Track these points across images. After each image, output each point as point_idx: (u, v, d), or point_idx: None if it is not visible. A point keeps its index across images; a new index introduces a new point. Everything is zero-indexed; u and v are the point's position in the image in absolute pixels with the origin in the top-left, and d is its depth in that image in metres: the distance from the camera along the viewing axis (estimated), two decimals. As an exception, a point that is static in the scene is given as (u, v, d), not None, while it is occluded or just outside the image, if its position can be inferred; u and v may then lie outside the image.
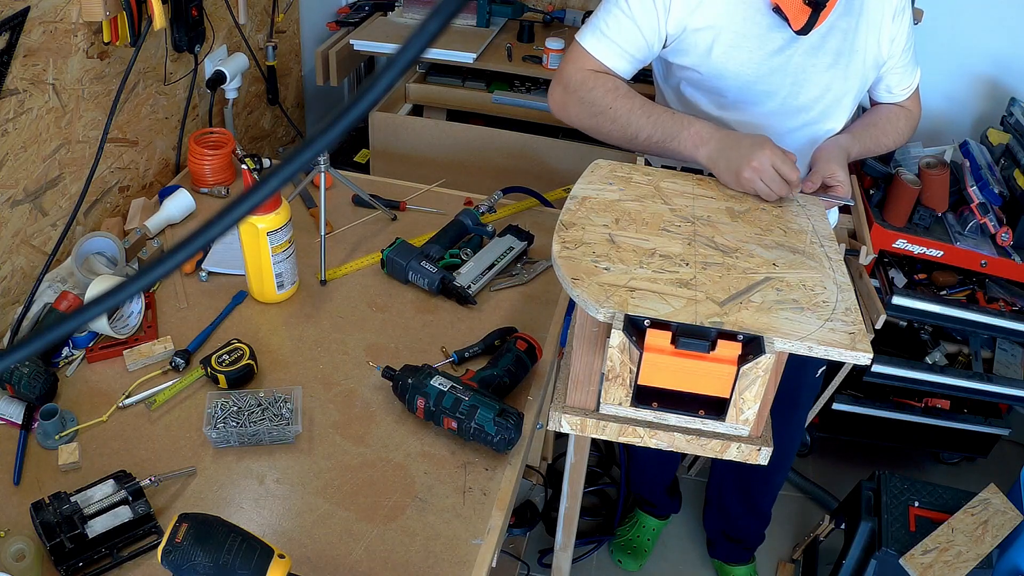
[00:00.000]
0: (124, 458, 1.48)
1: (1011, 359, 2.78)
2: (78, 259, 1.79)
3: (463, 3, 0.44)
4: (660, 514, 2.77)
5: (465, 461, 1.52)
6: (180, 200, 2.05)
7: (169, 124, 2.24)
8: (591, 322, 1.26)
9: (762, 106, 1.74)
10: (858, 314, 1.23)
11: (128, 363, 1.65)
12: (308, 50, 3.05)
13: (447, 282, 1.86)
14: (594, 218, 1.39)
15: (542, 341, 1.74)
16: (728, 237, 1.39)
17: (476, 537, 1.40)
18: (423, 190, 2.25)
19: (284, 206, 1.74)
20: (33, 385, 1.52)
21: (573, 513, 1.82)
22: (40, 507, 1.32)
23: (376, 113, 2.77)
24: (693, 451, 1.32)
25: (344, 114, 0.46)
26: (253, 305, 1.83)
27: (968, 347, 2.81)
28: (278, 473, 1.47)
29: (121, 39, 1.88)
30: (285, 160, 0.46)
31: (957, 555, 2.12)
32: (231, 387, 1.60)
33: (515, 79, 2.99)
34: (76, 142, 1.88)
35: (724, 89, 1.72)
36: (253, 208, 0.48)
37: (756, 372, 1.15)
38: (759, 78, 1.69)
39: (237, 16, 2.43)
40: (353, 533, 1.38)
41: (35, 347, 0.53)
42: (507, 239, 1.99)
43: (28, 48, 1.67)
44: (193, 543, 1.12)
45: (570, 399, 1.36)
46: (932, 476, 3.08)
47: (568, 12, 3.07)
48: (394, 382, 1.58)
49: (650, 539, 2.77)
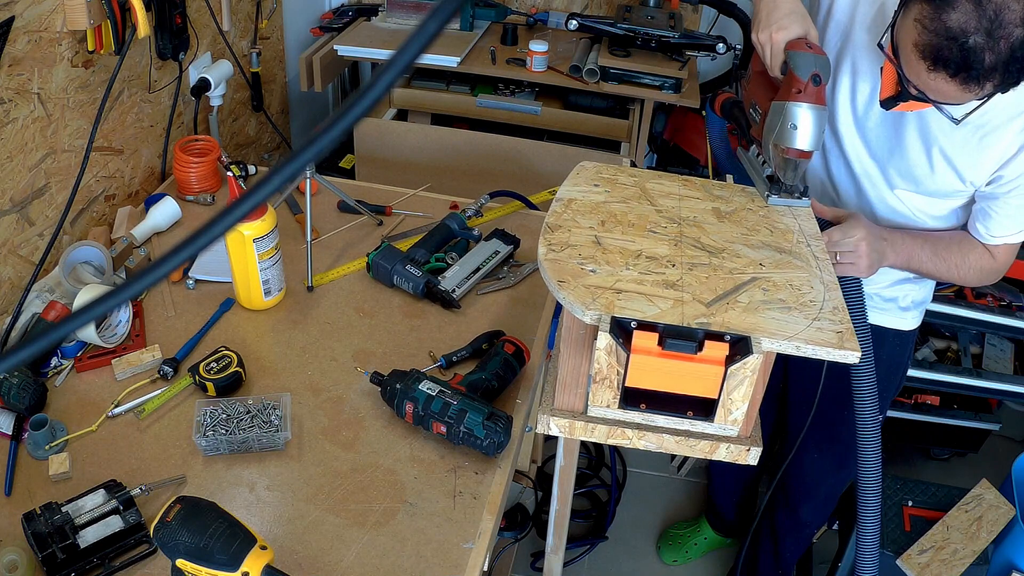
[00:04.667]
0: (114, 467, 1.47)
1: (1000, 354, 2.80)
2: (65, 268, 1.78)
3: (463, 3, 0.45)
4: (720, 528, 2.79)
5: (455, 465, 1.52)
6: (166, 208, 2.04)
7: (154, 132, 2.24)
8: (578, 324, 1.26)
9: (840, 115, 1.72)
10: (845, 313, 1.24)
11: (117, 372, 1.65)
12: (292, 56, 3.04)
13: (431, 286, 1.86)
14: (580, 220, 1.39)
15: (530, 344, 1.75)
16: (714, 238, 1.39)
17: (467, 541, 1.40)
18: (409, 195, 2.25)
19: (270, 213, 1.74)
20: (22, 395, 1.52)
21: (563, 515, 1.82)
22: (31, 518, 1.32)
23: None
24: (682, 452, 1.33)
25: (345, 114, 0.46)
26: (240, 312, 1.83)
27: (957, 343, 2.82)
28: (268, 480, 1.47)
29: (105, 47, 1.88)
30: (276, 167, 0.47)
31: (953, 553, 2.13)
32: (220, 395, 1.60)
33: (499, 82, 3.00)
34: (62, 151, 1.88)
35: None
36: (242, 218, 0.48)
37: (744, 372, 1.16)
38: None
39: (221, 23, 2.43)
40: (344, 539, 1.38)
41: (23, 357, 0.53)
42: (493, 243, 1.99)
43: (13, 58, 1.67)
44: (180, 524, 1.15)
45: (558, 402, 1.36)
46: (923, 473, 3.09)
47: (551, 14, 3.07)
48: (382, 387, 1.58)
49: (697, 545, 2.80)
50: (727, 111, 1.76)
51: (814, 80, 1.43)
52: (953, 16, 1.30)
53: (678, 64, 2.85)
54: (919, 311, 1.97)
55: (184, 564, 1.15)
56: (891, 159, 1.68)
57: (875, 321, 1.93)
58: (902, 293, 1.89)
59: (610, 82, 2.83)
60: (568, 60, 2.91)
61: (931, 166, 1.63)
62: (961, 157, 1.60)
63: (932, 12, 1.32)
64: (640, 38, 2.88)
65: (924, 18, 1.33)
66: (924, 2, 1.33)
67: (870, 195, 1.75)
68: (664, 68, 2.82)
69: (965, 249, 1.71)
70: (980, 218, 1.68)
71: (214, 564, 1.13)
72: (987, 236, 1.68)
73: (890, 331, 1.95)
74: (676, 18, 2.97)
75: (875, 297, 1.89)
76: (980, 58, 1.30)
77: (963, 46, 1.30)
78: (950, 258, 1.71)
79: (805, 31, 1.48)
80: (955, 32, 1.30)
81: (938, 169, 1.63)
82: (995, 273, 1.75)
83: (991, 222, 1.66)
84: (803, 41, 1.47)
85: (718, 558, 2.82)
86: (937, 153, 1.61)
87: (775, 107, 1.48)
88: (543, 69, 2.87)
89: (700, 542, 2.80)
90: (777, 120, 1.47)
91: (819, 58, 1.45)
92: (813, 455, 2.19)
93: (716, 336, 1.17)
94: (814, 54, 1.45)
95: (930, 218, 1.74)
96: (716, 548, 2.82)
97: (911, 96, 1.43)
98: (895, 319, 1.94)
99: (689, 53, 2.90)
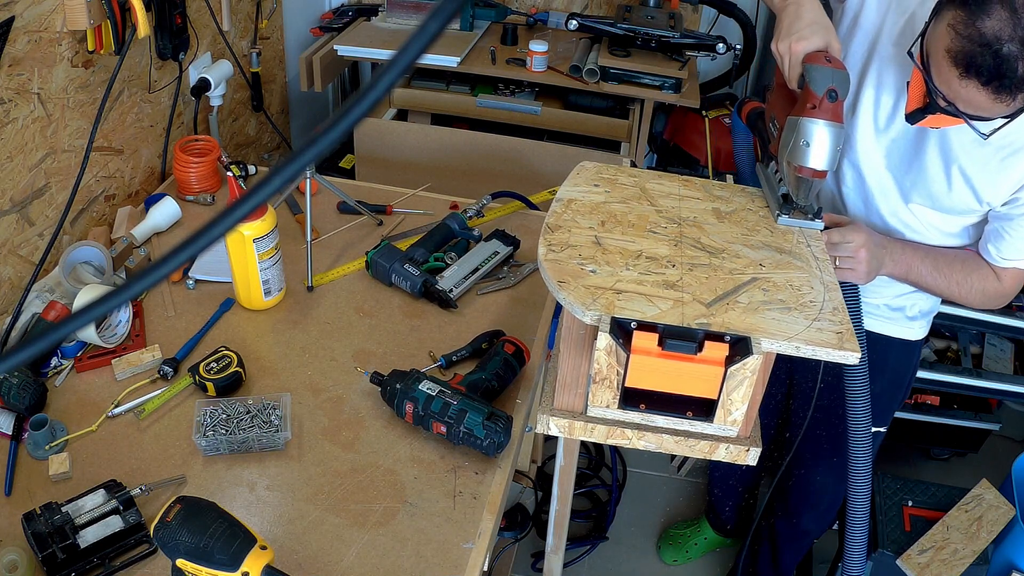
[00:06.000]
0: (114, 467, 1.48)
1: (1000, 354, 2.80)
2: (65, 268, 1.78)
3: (464, 3, 0.45)
4: (721, 528, 2.79)
5: (455, 465, 1.52)
6: (166, 208, 2.05)
7: (154, 132, 2.24)
8: (578, 325, 1.26)
9: (858, 123, 1.70)
10: (845, 313, 1.24)
11: (117, 372, 1.65)
12: (292, 56, 3.04)
13: (429, 285, 1.86)
14: (580, 220, 1.39)
15: (530, 344, 1.75)
16: (714, 238, 1.39)
17: (467, 541, 1.40)
18: (409, 195, 2.25)
19: (270, 213, 1.74)
20: (22, 395, 1.52)
21: (563, 515, 1.82)
22: (31, 518, 1.32)
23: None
24: (681, 452, 1.33)
25: (346, 114, 0.46)
26: (240, 312, 1.83)
27: (957, 343, 2.82)
28: (268, 480, 1.47)
29: (105, 47, 1.88)
30: (276, 168, 0.47)
31: (953, 553, 2.13)
32: (220, 395, 1.60)
33: (499, 82, 2.99)
34: (62, 151, 1.88)
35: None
36: (242, 218, 0.48)
37: (744, 373, 1.16)
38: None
39: (221, 23, 2.43)
40: (344, 539, 1.39)
41: (23, 357, 0.53)
42: (493, 243, 1.99)
43: (13, 58, 1.67)
44: (180, 524, 1.15)
45: (558, 402, 1.36)
46: (923, 472, 3.09)
47: (551, 14, 3.07)
48: (382, 387, 1.58)
49: (698, 545, 2.81)
50: (752, 122, 1.71)
51: (830, 96, 1.38)
52: (988, 23, 1.28)
53: (678, 64, 2.85)
54: (926, 320, 1.95)
55: (184, 564, 1.15)
56: (908, 174, 1.66)
57: (882, 330, 1.92)
58: (910, 303, 1.87)
59: (610, 82, 2.83)
60: (568, 60, 2.91)
61: (949, 183, 1.61)
62: (980, 176, 1.58)
63: (966, 18, 1.30)
64: (640, 38, 2.88)
65: (958, 23, 1.31)
66: (958, 8, 1.31)
67: (881, 209, 1.73)
68: (664, 68, 2.82)
69: (969, 268, 1.69)
70: (992, 239, 1.65)
71: (214, 564, 1.13)
72: (998, 258, 1.65)
73: (896, 340, 1.94)
74: (676, 18, 2.97)
75: (882, 307, 1.88)
76: (1013, 67, 1.28)
77: (997, 53, 1.28)
78: (952, 275, 1.69)
79: (826, 43, 1.44)
80: (989, 39, 1.28)
81: (955, 187, 1.61)
82: (1001, 297, 1.72)
83: (1003, 243, 1.63)
84: (822, 54, 1.42)
85: (718, 558, 2.82)
86: (956, 171, 1.59)
87: (789, 122, 1.43)
88: (543, 69, 2.87)
89: (700, 542, 2.80)
90: (791, 136, 1.42)
91: (837, 72, 1.39)
92: (816, 469, 2.18)
93: (716, 337, 1.17)
94: (832, 68, 1.39)
95: (941, 234, 1.71)
96: (716, 548, 2.82)
97: (939, 108, 1.40)
98: (902, 328, 1.92)
99: (689, 53, 2.90)
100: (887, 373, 1.95)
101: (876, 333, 1.91)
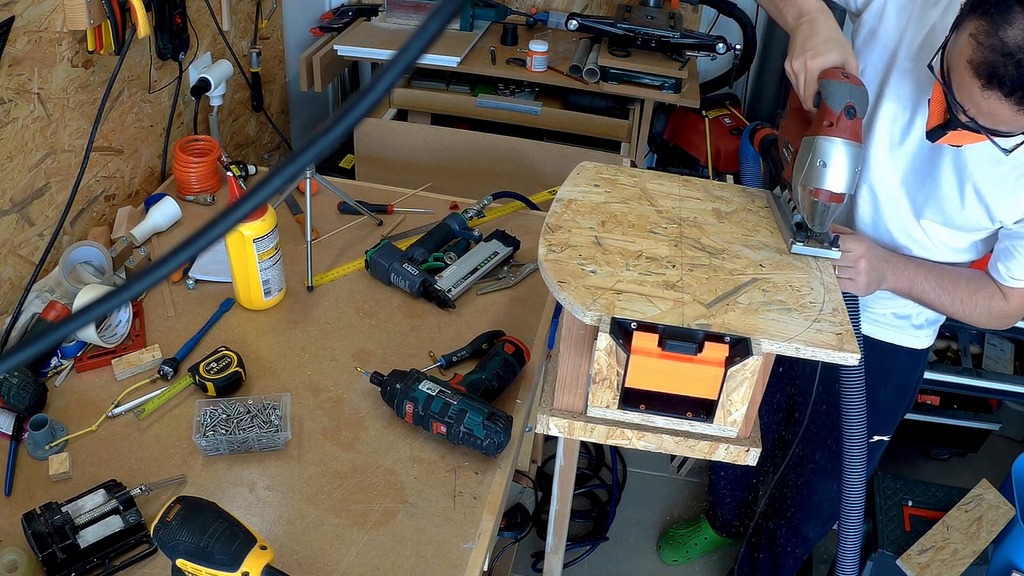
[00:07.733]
0: (114, 467, 1.48)
1: (1000, 354, 2.80)
2: (65, 268, 1.78)
3: (464, 3, 0.45)
4: (721, 528, 2.79)
5: (455, 465, 1.52)
6: (166, 208, 2.05)
7: (154, 132, 2.24)
8: (578, 325, 1.26)
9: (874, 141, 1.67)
10: (845, 314, 1.24)
11: (117, 372, 1.65)
12: (292, 56, 3.04)
13: (427, 285, 1.86)
14: (580, 220, 1.39)
15: (530, 344, 1.75)
16: (714, 238, 1.39)
17: (467, 541, 1.40)
18: (409, 195, 2.25)
19: (270, 213, 1.74)
20: (22, 395, 1.52)
21: (563, 515, 1.82)
22: (31, 518, 1.32)
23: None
24: (681, 452, 1.33)
25: (346, 114, 0.46)
26: (240, 312, 1.83)
27: (957, 342, 2.82)
28: (268, 480, 1.47)
29: (105, 47, 1.88)
30: (276, 168, 0.47)
31: (953, 553, 2.13)
32: (220, 395, 1.60)
33: (499, 82, 2.99)
34: (62, 151, 1.88)
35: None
36: (242, 218, 0.48)
37: (744, 374, 1.16)
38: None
39: (221, 23, 2.43)
40: (344, 539, 1.39)
41: (23, 357, 0.53)
42: (492, 244, 1.99)
43: (13, 58, 1.67)
44: (180, 524, 1.15)
45: (558, 402, 1.36)
46: (923, 472, 3.09)
47: (551, 14, 3.07)
48: (382, 387, 1.58)
49: (698, 545, 2.80)
50: (765, 149, 1.65)
51: (848, 112, 1.31)
52: (1011, 32, 1.25)
53: (678, 64, 2.85)
54: (932, 329, 1.93)
55: (184, 564, 1.15)
56: (921, 190, 1.64)
57: (888, 339, 1.90)
58: (916, 311, 1.85)
59: (610, 82, 2.83)
60: (568, 60, 2.91)
61: (962, 201, 1.59)
62: (995, 194, 1.56)
63: (989, 28, 1.27)
64: (640, 38, 2.88)
65: (980, 34, 1.28)
66: (980, 18, 1.29)
67: (890, 224, 1.71)
68: (664, 68, 2.82)
69: (975, 286, 1.66)
70: (1002, 257, 1.62)
71: (214, 564, 1.13)
72: (1007, 277, 1.62)
73: (902, 349, 1.92)
74: (676, 18, 2.97)
75: (888, 315, 1.86)
76: None
77: (1020, 63, 1.25)
78: (956, 292, 1.65)
79: (843, 60, 1.39)
80: (1011, 48, 1.25)
81: (968, 204, 1.58)
82: (1007, 318, 1.68)
83: (1013, 263, 1.60)
84: (839, 70, 1.36)
85: (718, 558, 2.82)
86: (970, 188, 1.57)
87: (805, 143, 1.36)
88: (543, 69, 2.88)
89: (700, 542, 2.80)
90: (807, 157, 1.34)
91: (856, 89, 1.33)
92: (817, 475, 2.17)
93: (716, 337, 1.17)
94: (850, 84, 1.33)
95: (949, 249, 1.69)
96: (716, 548, 2.82)
97: (960, 124, 1.37)
98: (908, 337, 1.90)
99: (689, 53, 2.90)
100: (892, 381, 1.94)
101: (882, 341, 1.90)
